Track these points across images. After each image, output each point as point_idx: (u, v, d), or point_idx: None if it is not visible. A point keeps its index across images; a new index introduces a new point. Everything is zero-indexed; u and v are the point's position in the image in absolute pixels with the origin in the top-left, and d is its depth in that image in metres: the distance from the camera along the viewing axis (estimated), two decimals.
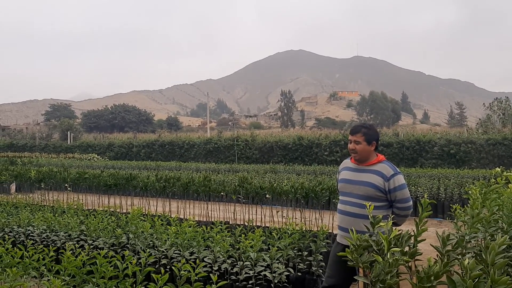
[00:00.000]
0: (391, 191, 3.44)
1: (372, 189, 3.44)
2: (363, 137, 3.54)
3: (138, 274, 2.97)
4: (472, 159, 22.99)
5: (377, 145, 3.59)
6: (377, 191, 3.44)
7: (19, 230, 6.08)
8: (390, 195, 3.45)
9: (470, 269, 1.88)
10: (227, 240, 4.71)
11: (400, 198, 3.45)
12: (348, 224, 3.44)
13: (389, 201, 3.50)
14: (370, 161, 3.57)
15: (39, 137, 45.89)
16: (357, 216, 3.44)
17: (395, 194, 3.44)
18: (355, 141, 3.55)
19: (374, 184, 3.44)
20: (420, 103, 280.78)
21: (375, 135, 3.60)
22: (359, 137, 3.54)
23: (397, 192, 3.44)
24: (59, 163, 23.70)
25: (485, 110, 34.18)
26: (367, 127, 3.64)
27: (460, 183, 11.78)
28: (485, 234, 2.77)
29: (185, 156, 31.76)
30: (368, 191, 3.45)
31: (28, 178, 10.58)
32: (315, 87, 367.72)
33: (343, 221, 3.55)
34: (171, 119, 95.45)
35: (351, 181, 3.57)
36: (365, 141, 3.53)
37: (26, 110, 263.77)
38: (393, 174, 3.46)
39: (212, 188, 7.88)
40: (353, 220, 3.45)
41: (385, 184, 3.43)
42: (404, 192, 3.47)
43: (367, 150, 3.54)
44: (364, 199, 3.40)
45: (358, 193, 3.49)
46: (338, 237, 3.66)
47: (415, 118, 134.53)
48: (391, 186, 3.43)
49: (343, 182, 3.64)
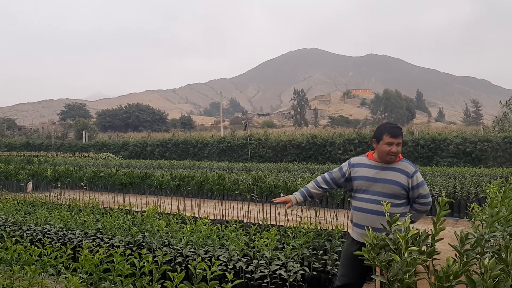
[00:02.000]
0: (414, 187, 3.48)
1: (398, 187, 3.47)
2: (402, 139, 3.56)
3: (155, 272, 2.99)
4: (488, 157, 22.69)
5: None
6: (401, 189, 3.47)
7: (36, 229, 6.16)
8: (413, 192, 3.50)
9: (490, 268, 1.85)
10: (241, 238, 4.72)
11: (424, 194, 3.52)
12: (369, 222, 3.41)
13: (409, 199, 3.54)
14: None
15: (55, 137, 46.43)
16: (380, 214, 3.40)
17: (418, 191, 3.49)
18: (398, 143, 3.53)
19: (399, 182, 3.47)
20: (435, 101, 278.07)
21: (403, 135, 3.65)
22: (401, 139, 3.55)
23: (420, 188, 3.50)
24: (74, 162, 23.97)
25: (502, 108, 33.64)
26: (399, 127, 3.65)
27: (476, 182, 11.64)
28: (504, 233, 2.73)
29: (198, 155, 31.87)
30: (394, 189, 3.47)
31: (45, 177, 10.71)
32: (328, 85, 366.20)
33: (364, 219, 3.51)
34: (184, 118, 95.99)
35: (374, 178, 3.55)
36: (402, 142, 3.58)
37: (42, 110, 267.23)
38: (415, 171, 3.52)
39: (226, 187, 7.90)
40: (375, 217, 3.43)
41: (409, 181, 3.48)
42: (425, 187, 3.55)
43: (400, 151, 3.58)
44: (388, 197, 3.42)
45: (383, 191, 3.48)
46: (355, 235, 3.63)
47: (430, 116, 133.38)
48: (414, 183, 3.48)
49: (363, 179, 3.60)
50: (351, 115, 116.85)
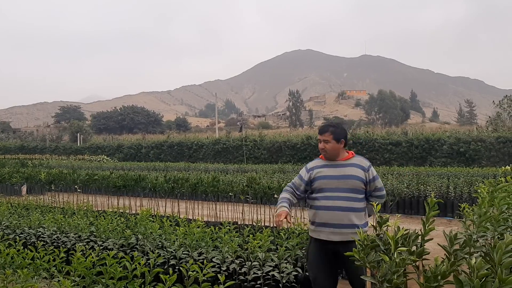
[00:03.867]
0: (371, 180, 3.59)
1: (358, 181, 3.55)
2: (331, 136, 3.63)
3: (147, 275, 2.99)
4: (482, 157, 22.82)
5: (346, 142, 3.70)
6: (361, 183, 3.56)
7: (30, 232, 6.15)
8: (370, 185, 3.60)
9: (477, 268, 1.88)
10: (235, 240, 4.73)
11: (379, 187, 3.65)
12: (338, 219, 3.49)
13: (367, 192, 3.63)
14: (344, 157, 3.67)
15: (50, 139, 46.31)
16: (346, 210, 3.50)
17: (374, 184, 3.61)
18: (324, 140, 3.66)
19: (359, 176, 3.56)
20: (429, 101, 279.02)
21: (343, 133, 3.70)
22: (328, 136, 3.65)
23: (376, 181, 3.62)
24: (69, 165, 23.91)
25: (495, 107, 33.86)
26: (334, 125, 3.76)
27: (469, 182, 11.70)
28: (494, 233, 2.76)
29: (193, 157, 31.85)
30: (355, 184, 3.54)
31: (39, 180, 10.68)
32: (323, 86, 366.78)
33: (332, 217, 3.51)
34: (179, 120, 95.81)
35: (334, 176, 3.60)
36: (333, 139, 3.63)
37: (36, 113, 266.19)
38: (369, 165, 3.64)
39: (221, 189, 7.91)
40: (343, 214, 3.49)
41: (366, 174, 3.57)
42: (380, 181, 3.68)
43: (337, 148, 3.64)
44: (351, 192, 3.52)
45: (346, 187, 3.54)
46: (322, 235, 3.57)
47: (424, 116, 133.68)
48: (371, 176, 3.59)
49: (324, 178, 3.61)
50: (346, 116, 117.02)
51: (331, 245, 3.53)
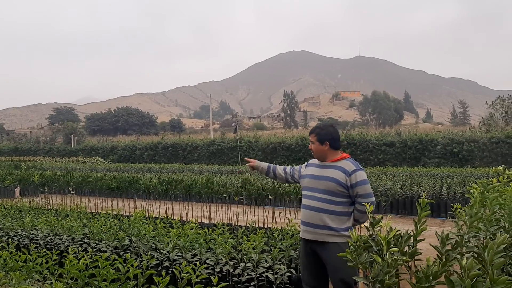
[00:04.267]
0: (353, 186, 3.51)
1: (334, 183, 3.52)
2: (315, 137, 3.69)
3: (140, 277, 2.99)
4: (475, 157, 22.92)
5: (332, 144, 3.67)
6: (338, 186, 3.51)
7: (23, 234, 6.12)
8: (352, 190, 3.52)
9: (468, 268, 1.89)
10: (229, 241, 4.73)
11: (362, 193, 3.51)
12: (311, 218, 3.55)
13: (351, 197, 3.56)
14: (333, 158, 3.67)
15: (43, 141, 46.05)
16: (320, 211, 3.52)
17: (356, 189, 3.51)
18: (311, 141, 3.74)
19: (336, 179, 3.53)
20: (422, 102, 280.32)
21: (328, 135, 3.68)
22: (313, 137, 3.72)
23: (358, 188, 3.51)
24: (62, 167, 23.79)
25: (488, 108, 34.06)
26: (321, 127, 3.79)
27: (463, 182, 11.76)
28: (487, 233, 2.77)
29: (188, 158, 31.79)
30: (329, 186, 3.53)
31: (32, 182, 10.63)
32: (317, 87, 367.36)
33: (306, 216, 3.62)
34: (174, 121, 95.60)
35: (315, 176, 3.66)
36: (317, 141, 3.68)
37: (30, 114, 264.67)
38: (355, 169, 3.56)
39: (215, 190, 7.90)
40: (316, 214, 3.53)
41: (347, 179, 3.52)
42: (365, 187, 3.54)
43: (321, 149, 3.67)
44: (326, 193, 3.52)
45: (321, 187, 3.57)
46: (301, 232, 3.72)
47: (418, 117, 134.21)
48: (353, 181, 3.51)
49: (309, 177, 3.73)
50: (340, 117, 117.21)
51: (309, 243, 3.60)
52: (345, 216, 3.54)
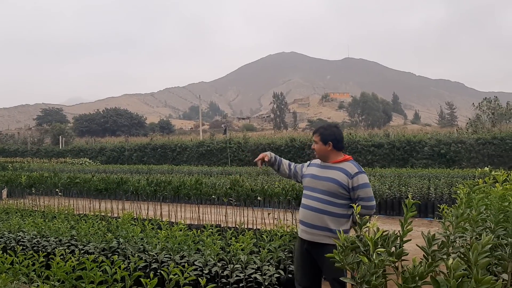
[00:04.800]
0: (354, 188, 3.51)
1: (335, 185, 3.52)
2: (319, 137, 3.68)
3: (127, 279, 2.98)
4: (462, 158, 23.13)
5: (336, 145, 3.66)
6: (339, 188, 3.51)
7: (9, 236, 6.06)
8: (353, 193, 3.52)
9: (453, 269, 1.90)
10: (217, 243, 4.72)
11: (363, 197, 3.51)
12: (310, 219, 3.54)
13: (352, 200, 3.55)
14: (335, 159, 3.66)
15: (31, 142, 45.58)
16: (319, 212, 3.52)
17: (357, 192, 3.51)
18: (314, 141, 3.74)
19: (338, 180, 3.52)
20: (411, 103, 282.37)
21: (331, 135, 3.67)
22: (316, 137, 3.71)
23: (359, 190, 3.51)
24: (50, 168, 23.57)
25: (475, 110, 34.38)
26: (325, 128, 3.79)
27: (450, 183, 11.87)
28: (473, 233, 2.80)
29: (177, 159, 31.68)
30: (330, 187, 3.52)
31: (19, 183, 10.51)
32: (307, 88, 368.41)
33: (305, 216, 3.62)
34: (163, 122, 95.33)
35: (317, 176, 3.66)
36: (320, 141, 3.67)
37: (17, 115, 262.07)
38: (357, 172, 3.55)
39: (204, 191, 7.87)
40: (315, 215, 3.53)
41: (349, 181, 3.51)
42: (367, 190, 3.54)
43: (323, 149, 3.66)
44: (326, 194, 3.51)
45: (321, 188, 3.57)
46: (299, 232, 3.71)
47: (406, 118, 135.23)
48: (355, 184, 3.51)
49: (309, 177, 3.73)
50: (329, 118, 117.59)
51: (306, 243, 3.59)
52: (344, 218, 3.53)
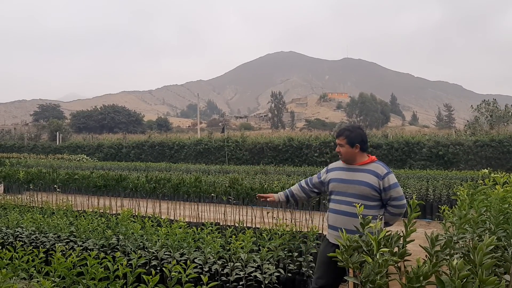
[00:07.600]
0: (386, 189, 3.48)
1: (368, 188, 3.47)
2: (345, 140, 3.60)
3: (129, 276, 2.97)
4: (460, 160, 23.19)
5: (362, 146, 3.62)
6: (372, 190, 3.47)
7: (7, 232, 6.03)
8: (385, 194, 3.49)
9: (458, 269, 1.91)
10: (217, 241, 4.71)
11: (395, 196, 3.49)
12: (342, 223, 3.46)
13: (382, 201, 3.53)
14: (361, 161, 3.61)
15: (28, 138, 45.40)
16: (353, 215, 3.43)
17: (390, 193, 3.48)
18: (339, 144, 3.65)
19: (370, 183, 3.48)
20: (409, 105, 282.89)
21: (358, 137, 3.62)
22: (342, 140, 3.62)
23: (391, 191, 3.48)
24: (48, 164, 23.50)
25: (473, 112, 34.52)
26: (350, 129, 3.69)
27: (448, 185, 11.88)
28: (473, 235, 2.81)
29: (175, 157, 31.63)
30: (363, 190, 3.48)
31: (17, 179, 10.48)
32: (305, 88, 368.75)
33: (338, 221, 3.55)
34: (161, 120, 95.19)
35: (346, 180, 3.59)
36: (347, 143, 3.59)
37: (14, 111, 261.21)
38: (387, 173, 3.52)
39: (203, 189, 7.87)
40: (347, 219, 3.46)
41: (380, 182, 3.47)
42: (398, 190, 3.52)
43: (351, 152, 3.60)
44: (359, 198, 3.44)
45: (354, 192, 3.51)
46: (330, 237, 3.65)
47: (404, 119, 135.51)
48: (386, 185, 3.47)
49: (337, 181, 3.65)
50: (327, 118, 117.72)
51: (334, 247, 3.46)
52: (376, 219, 3.52)
